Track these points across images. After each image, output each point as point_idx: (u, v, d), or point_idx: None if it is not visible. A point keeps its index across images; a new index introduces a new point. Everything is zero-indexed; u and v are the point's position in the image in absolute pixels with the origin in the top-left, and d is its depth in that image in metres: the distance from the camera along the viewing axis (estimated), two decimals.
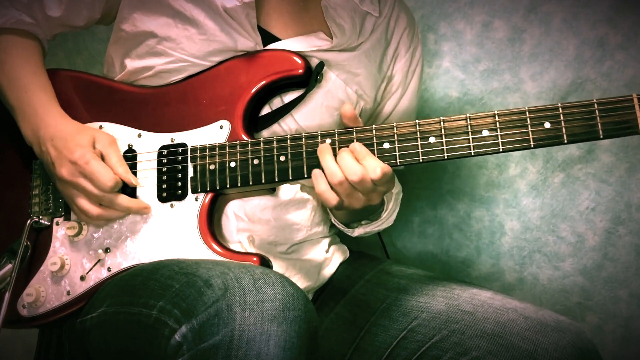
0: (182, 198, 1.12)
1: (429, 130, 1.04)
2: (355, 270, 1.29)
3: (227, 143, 1.12)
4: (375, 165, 1.01)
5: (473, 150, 1.02)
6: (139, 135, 1.16)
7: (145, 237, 1.12)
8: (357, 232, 1.23)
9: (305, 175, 1.07)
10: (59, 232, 1.16)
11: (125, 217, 1.13)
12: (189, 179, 1.12)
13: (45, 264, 1.14)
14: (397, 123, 1.05)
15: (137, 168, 1.15)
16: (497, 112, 1.02)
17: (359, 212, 1.08)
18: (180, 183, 1.13)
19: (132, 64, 1.19)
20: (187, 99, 1.16)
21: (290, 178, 1.08)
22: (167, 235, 1.12)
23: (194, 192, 1.12)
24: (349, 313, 1.22)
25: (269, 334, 0.84)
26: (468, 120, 1.02)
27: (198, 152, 1.13)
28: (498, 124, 1.01)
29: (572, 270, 1.61)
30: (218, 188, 1.11)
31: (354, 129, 1.06)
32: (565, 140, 0.99)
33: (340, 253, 1.33)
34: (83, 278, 1.13)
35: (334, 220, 1.23)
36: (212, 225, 1.12)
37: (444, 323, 1.07)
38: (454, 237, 1.70)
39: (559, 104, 1.00)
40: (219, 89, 1.15)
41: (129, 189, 1.13)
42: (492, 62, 1.66)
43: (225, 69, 1.15)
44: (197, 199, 1.12)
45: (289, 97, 1.17)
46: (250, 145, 1.10)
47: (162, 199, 1.13)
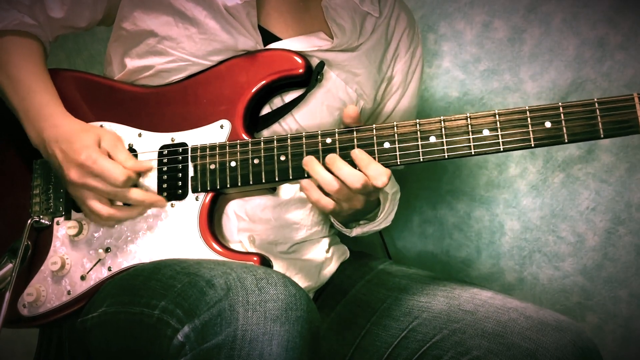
0: (182, 197, 1.12)
1: (430, 130, 1.04)
2: (356, 270, 1.29)
3: (227, 143, 1.11)
4: (380, 173, 1.01)
5: (473, 150, 1.02)
6: (140, 135, 1.16)
7: (146, 236, 1.12)
8: (355, 232, 1.23)
9: (306, 175, 1.07)
10: (60, 231, 1.16)
11: (136, 219, 1.13)
12: (190, 179, 1.12)
13: (46, 264, 1.14)
14: (397, 122, 1.05)
15: None
16: (497, 111, 1.02)
17: (357, 212, 1.08)
18: (181, 182, 1.13)
19: (132, 63, 1.19)
20: (187, 99, 1.16)
21: (291, 177, 1.08)
22: (167, 235, 1.12)
23: (195, 191, 1.12)
24: (350, 313, 1.22)
25: (272, 334, 0.84)
26: (468, 120, 1.02)
27: (198, 151, 1.12)
28: (498, 124, 1.01)
29: (572, 270, 1.61)
30: (218, 187, 1.11)
31: (354, 129, 1.06)
32: (566, 140, 0.99)
33: (341, 253, 1.33)
34: (83, 278, 1.13)
35: (333, 220, 1.23)
36: (212, 225, 1.12)
37: (445, 322, 1.07)
38: (454, 237, 1.70)
39: (560, 104, 1.00)
40: (220, 89, 1.15)
41: None
42: (492, 62, 1.66)
43: (226, 69, 1.15)
44: (197, 199, 1.12)
45: (290, 96, 1.17)
46: (251, 145, 1.10)
47: None
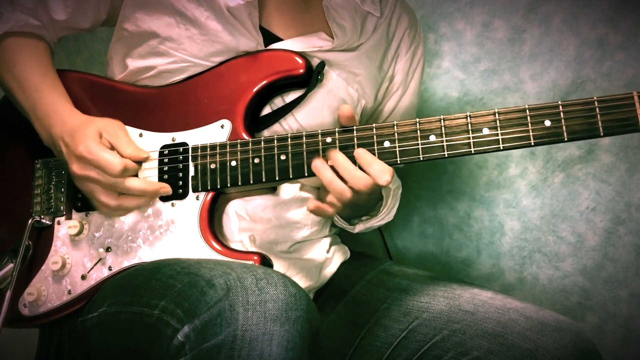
0: (183, 197, 1.12)
1: (430, 129, 1.04)
2: (356, 271, 1.29)
3: (228, 142, 1.11)
4: (383, 171, 1.02)
5: (473, 148, 1.02)
6: (140, 135, 1.16)
7: (146, 236, 1.12)
8: (358, 228, 1.23)
9: (306, 174, 1.07)
10: (60, 231, 1.16)
11: (146, 206, 1.12)
12: (190, 178, 1.12)
13: (47, 263, 1.14)
14: (397, 122, 1.05)
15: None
16: (497, 110, 1.02)
17: (359, 208, 1.09)
18: (181, 182, 1.13)
19: (133, 64, 1.19)
20: (188, 99, 1.16)
21: (291, 177, 1.08)
22: (168, 234, 1.12)
23: (195, 191, 1.12)
24: (350, 313, 1.22)
25: (272, 334, 0.84)
26: (468, 119, 1.02)
27: (199, 151, 1.13)
28: (498, 122, 1.01)
29: (572, 270, 1.60)
30: (219, 187, 1.11)
31: (355, 128, 1.06)
32: (566, 138, 0.99)
33: (341, 253, 1.33)
34: (84, 277, 1.13)
35: (336, 217, 1.24)
36: (212, 224, 1.12)
37: (445, 323, 1.07)
38: (454, 237, 1.70)
39: (559, 102, 1.00)
40: (220, 89, 1.15)
41: None
42: (492, 62, 1.66)
43: (227, 69, 1.15)
44: (198, 198, 1.12)
45: (290, 96, 1.17)
46: (251, 145, 1.10)
47: (163, 198, 1.13)
